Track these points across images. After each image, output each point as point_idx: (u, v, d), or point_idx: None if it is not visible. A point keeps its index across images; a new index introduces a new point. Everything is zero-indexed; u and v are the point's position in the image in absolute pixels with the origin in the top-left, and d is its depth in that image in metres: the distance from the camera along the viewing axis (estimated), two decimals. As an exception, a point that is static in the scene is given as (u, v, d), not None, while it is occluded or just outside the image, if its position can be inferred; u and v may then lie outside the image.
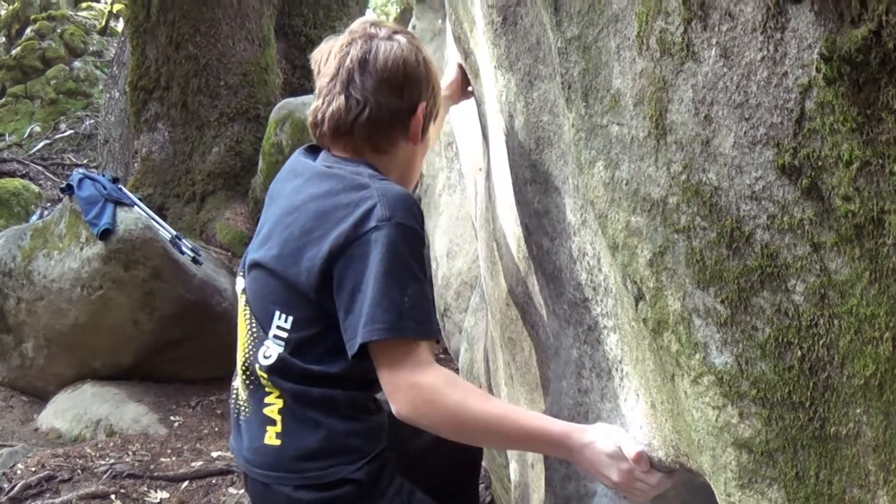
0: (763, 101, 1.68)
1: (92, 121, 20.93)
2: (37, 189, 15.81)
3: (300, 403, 2.72)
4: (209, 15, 12.08)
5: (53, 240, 8.51)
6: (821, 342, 1.70)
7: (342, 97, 2.71)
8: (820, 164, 1.63)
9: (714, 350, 1.83)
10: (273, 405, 2.75)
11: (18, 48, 23.69)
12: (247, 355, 2.82)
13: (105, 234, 7.93)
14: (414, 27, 6.52)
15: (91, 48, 24.21)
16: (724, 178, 1.76)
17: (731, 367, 1.81)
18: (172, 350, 8.65)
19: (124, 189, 8.64)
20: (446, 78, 3.74)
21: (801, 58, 1.62)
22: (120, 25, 23.38)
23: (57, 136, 21.11)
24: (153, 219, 8.45)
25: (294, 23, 13.22)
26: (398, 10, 20.74)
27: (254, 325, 2.81)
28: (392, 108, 2.75)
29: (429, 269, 3.22)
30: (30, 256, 8.54)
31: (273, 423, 2.74)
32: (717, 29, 1.74)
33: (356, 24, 2.83)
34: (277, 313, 2.73)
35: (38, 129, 21.49)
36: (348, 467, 2.71)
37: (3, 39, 25.28)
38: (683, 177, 1.83)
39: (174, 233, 8.51)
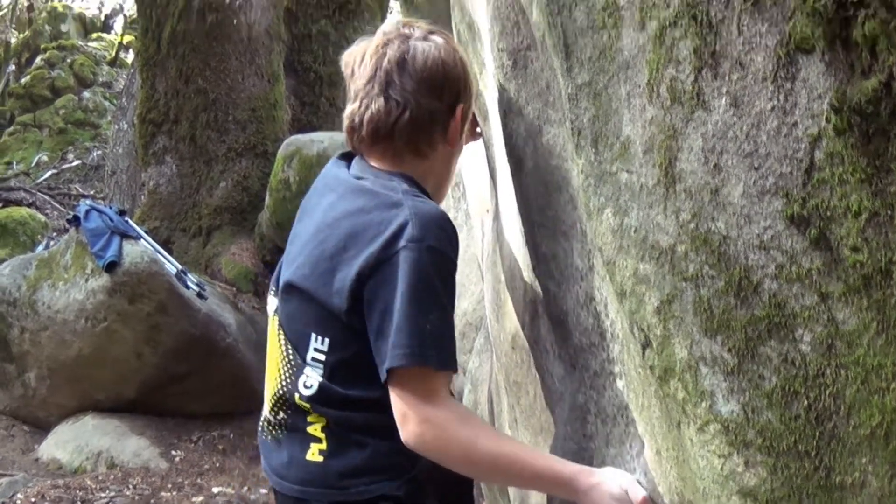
0: (772, 151, 1.69)
1: (100, 152, 21.01)
2: (43, 219, 15.87)
3: (343, 427, 2.67)
4: (219, 50, 12.09)
5: (59, 270, 8.52)
6: (827, 392, 1.70)
7: (381, 99, 2.63)
8: (829, 214, 1.63)
9: (720, 398, 1.83)
10: (316, 423, 2.68)
11: (28, 77, 23.85)
12: (283, 384, 2.74)
13: (111, 267, 7.94)
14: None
15: (100, 79, 24.34)
16: (733, 228, 1.77)
17: (737, 416, 1.81)
18: (175, 384, 8.65)
19: (131, 222, 8.67)
20: None
21: (811, 108, 1.63)
22: (130, 57, 23.52)
23: (64, 166, 21.21)
24: (159, 252, 8.47)
25: (303, 59, 13.24)
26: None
27: (289, 351, 2.74)
28: (432, 109, 2.67)
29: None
30: (35, 286, 8.56)
31: (318, 440, 2.68)
32: (727, 78, 1.75)
33: (389, 25, 2.75)
34: (314, 336, 2.66)
35: (45, 158, 21.59)
36: (390, 484, 2.67)
37: (13, 68, 25.42)
38: (692, 225, 1.83)
39: (180, 267, 8.53)
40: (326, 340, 2.64)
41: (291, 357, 2.73)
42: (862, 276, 1.62)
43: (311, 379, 2.66)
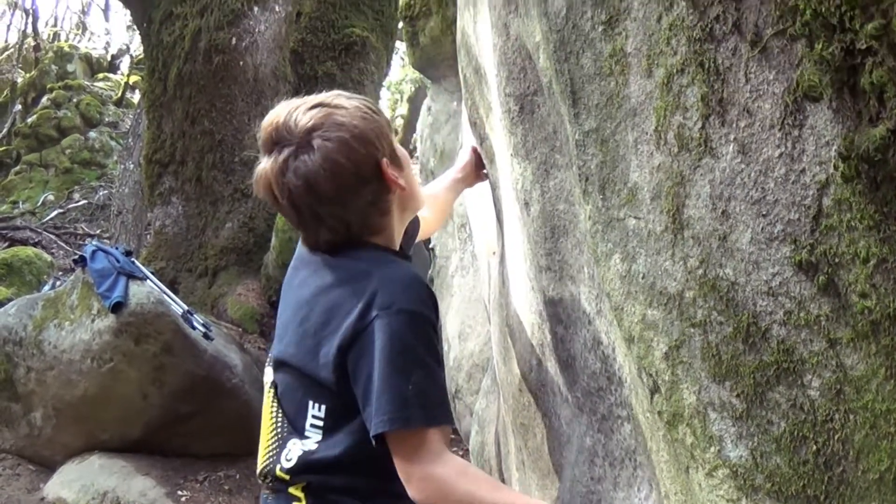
0: (780, 198, 1.69)
1: (106, 191, 21.05)
2: (49, 258, 15.85)
3: (322, 488, 2.71)
4: (225, 91, 12.10)
5: (65, 311, 8.52)
6: (836, 437, 1.70)
7: (323, 227, 2.68)
8: (837, 260, 1.64)
9: (729, 443, 1.83)
10: (298, 484, 2.73)
11: (34, 116, 23.90)
12: (269, 459, 2.79)
13: (117, 307, 7.94)
14: (429, 109, 6.53)
15: (106, 119, 24.40)
16: (741, 274, 1.77)
17: (745, 461, 1.81)
18: (181, 424, 8.62)
19: (137, 262, 8.68)
20: (459, 161, 3.74)
21: (818, 155, 1.64)
22: (136, 97, 23.58)
23: (70, 206, 21.23)
24: (165, 293, 8.47)
25: (309, 101, 13.28)
26: (413, 89, 20.82)
27: (281, 423, 2.79)
28: (365, 197, 2.68)
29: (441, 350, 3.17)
30: (41, 326, 8.55)
31: (298, 499, 2.73)
32: (735, 125, 1.76)
33: (265, 132, 2.69)
34: (311, 403, 2.71)
35: (51, 197, 21.62)
36: None
37: (20, 107, 25.49)
38: (700, 271, 1.84)
39: (185, 308, 8.52)
40: (323, 407, 2.69)
41: (280, 430, 2.78)
42: (870, 322, 1.62)
43: (293, 452, 2.70)
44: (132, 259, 8.56)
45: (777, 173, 1.70)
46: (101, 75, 27.83)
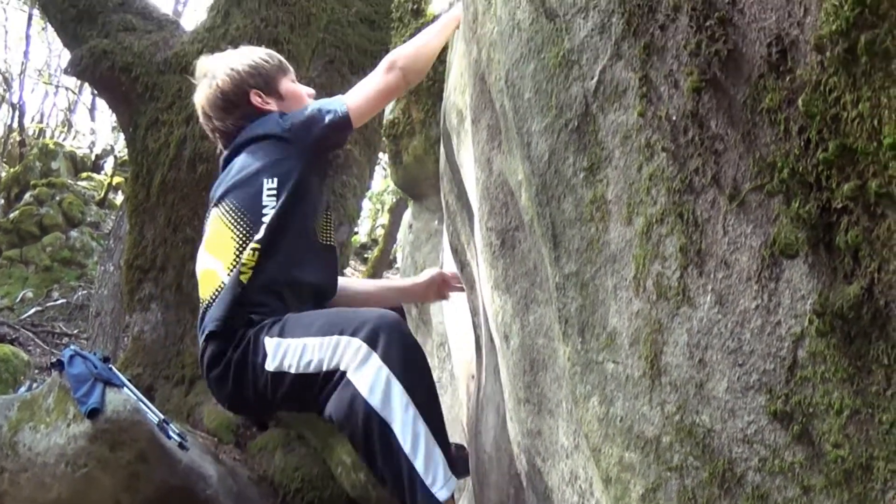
0: (756, 348, 1.72)
1: (85, 291, 20.95)
2: (26, 357, 15.72)
3: None
4: (208, 199, 12.07)
5: (41, 413, 8.46)
6: (810, 581, 1.71)
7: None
8: (811, 410, 1.66)
9: (704, 585, 1.84)
10: None
11: (16, 212, 23.85)
12: None
13: (93, 414, 7.89)
14: (410, 226, 6.55)
15: (88, 219, 24.36)
16: (718, 421, 1.79)
17: None
18: (153, 531, 8.54)
19: (114, 369, 8.64)
20: (419, 278, 3.84)
21: (794, 308, 1.66)
22: (119, 198, 23.60)
23: (49, 304, 21.11)
24: (141, 401, 8.42)
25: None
26: (394, 200, 20.87)
27: None
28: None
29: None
30: (16, 428, 8.48)
31: None
32: (712, 276, 1.79)
33: None
34: None
35: (30, 294, 21.52)
36: None
37: (2, 202, 25.47)
38: (677, 417, 1.86)
39: (162, 417, 8.47)
40: None
41: None
42: (843, 471, 1.64)
43: None
44: (109, 365, 8.54)
45: (753, 325, 1.72)
46: (84, 174, 27.86)
